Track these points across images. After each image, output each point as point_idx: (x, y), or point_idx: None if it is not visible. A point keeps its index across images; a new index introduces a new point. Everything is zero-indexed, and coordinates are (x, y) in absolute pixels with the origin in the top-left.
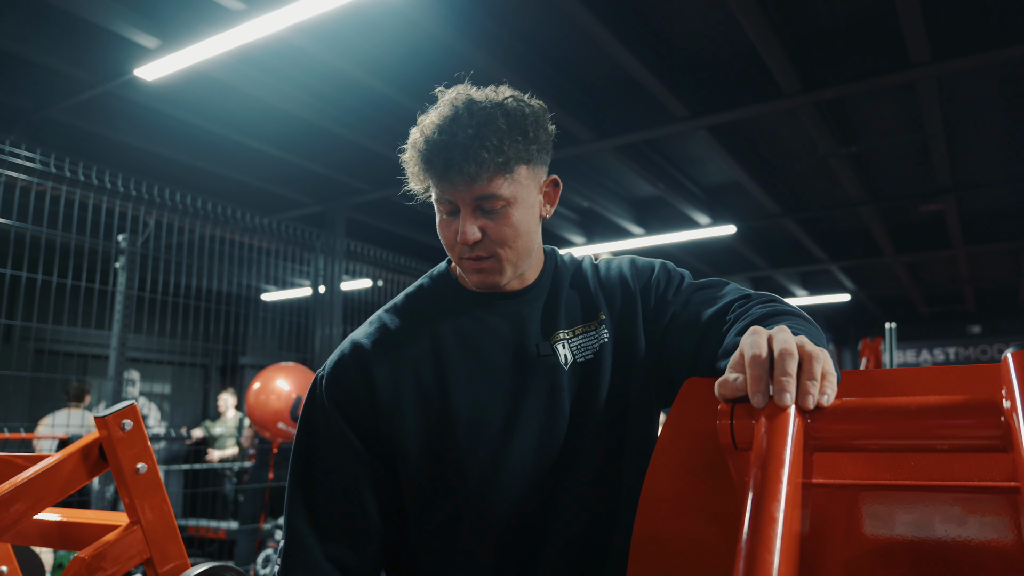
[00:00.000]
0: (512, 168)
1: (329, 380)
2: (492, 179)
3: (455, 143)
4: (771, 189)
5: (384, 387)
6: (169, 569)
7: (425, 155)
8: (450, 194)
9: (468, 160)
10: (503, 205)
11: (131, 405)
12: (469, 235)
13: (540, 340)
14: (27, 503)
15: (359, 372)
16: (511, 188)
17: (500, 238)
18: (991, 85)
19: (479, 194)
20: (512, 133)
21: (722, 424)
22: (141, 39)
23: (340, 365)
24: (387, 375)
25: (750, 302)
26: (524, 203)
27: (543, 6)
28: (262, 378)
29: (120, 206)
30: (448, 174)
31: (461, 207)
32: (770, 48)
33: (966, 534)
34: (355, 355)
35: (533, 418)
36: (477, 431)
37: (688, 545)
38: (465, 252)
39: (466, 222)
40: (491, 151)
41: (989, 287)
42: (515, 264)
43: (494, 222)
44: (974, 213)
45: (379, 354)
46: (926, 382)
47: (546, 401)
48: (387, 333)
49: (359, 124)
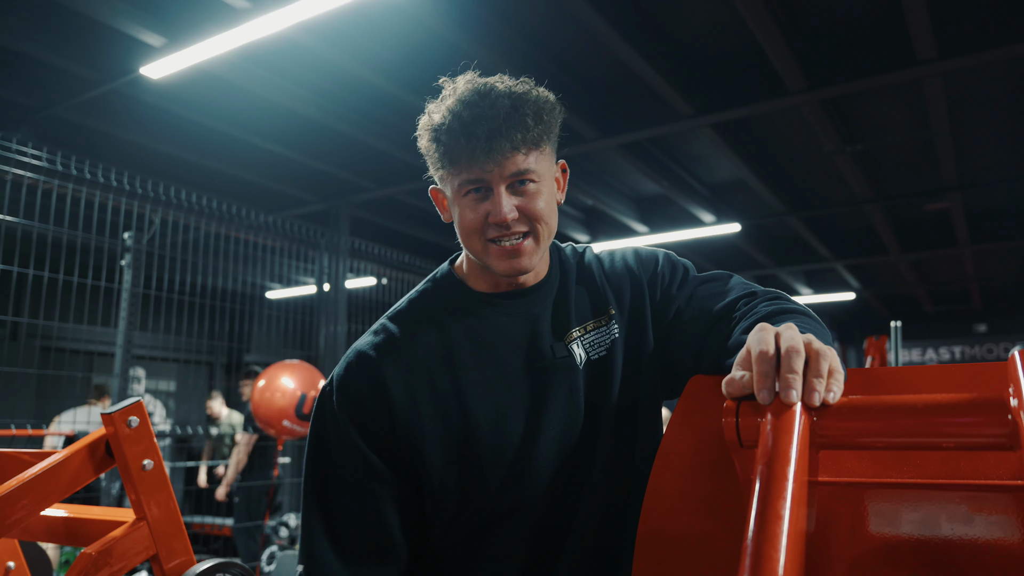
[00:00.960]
0: (542, 144)
1: (340, 394)
2: (529, 153)
3: (496, 113)
4: (776, 187)
5: (399, 397)
6: (175, 565)
7: (460, 130)
8: (487, 170)
9: (513, 127)
10: (535, 181)
11: (137, 402)
12: (508, 211)
13: (554, 341)
14: (34, 499)
15: (370, 383)
16: (540, 164)
17: (535, 214)
18: (997, 82)
19: (518, 168)
20: (541, 110)
21: (728, 421)
22: (147, 37)
23: (349, 377)
24: (400, 384)
25: (755, 299)
26: (549, 183)
27: (548, 4)
28: (267, 376)
29: (126, 204)
30: (492, 143)
31: (496, 185)
32: (775, 46)
33: (972, 533)
34: (364, 365)
35: (554, 422)
36: (500, 439)
37: (693, 542)
38: (496, 232)
39: (502, 198)
40: (532, 119)
41: (995, 285)
42: (544, 246)
43: (528, 199)
44: (980, 211)
45: (389, 363)
46: (932, 380)
47: (565, 403)
48: (394, 341)
49: (364, 122)
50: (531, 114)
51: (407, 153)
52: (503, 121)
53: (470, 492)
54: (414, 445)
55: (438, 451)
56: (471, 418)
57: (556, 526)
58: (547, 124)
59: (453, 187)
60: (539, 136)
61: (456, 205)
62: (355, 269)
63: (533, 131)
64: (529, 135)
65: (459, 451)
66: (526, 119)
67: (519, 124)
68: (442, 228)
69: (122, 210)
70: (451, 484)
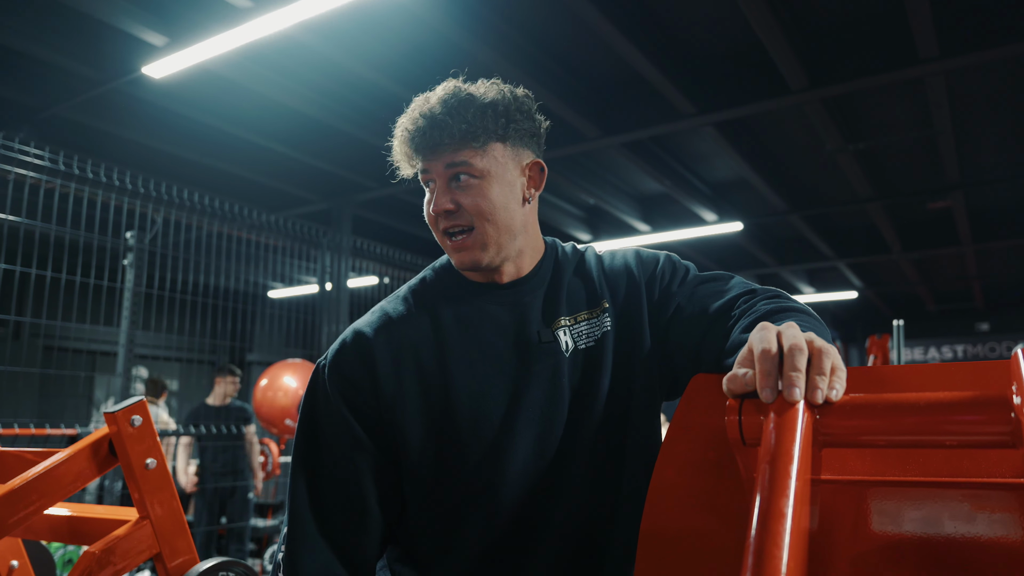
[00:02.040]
0: (483, 142)
1: (331, 367)
2: (460, 148)
3: (427, 115)
4: (778, 186)
5: (386, 373)
6: (178, 564)
7: (402, 129)
8: (425, 163)
9: (435, 127)
10: (476, 177)
11: (140, 401)
12: (440, 204)
13: (541, 327)
14: (37, 498)
15: (361, 358)
16: (484, 162)
17: (475, 210)
18: (1000, 81)
19: (449, 161)
20: (484, 109)
21: (730, 420)
22: (149, 37)
23: (342, 352)
24: (389, 361)
25: (755, 297)
26: (500, 180)
27: (550, 3)
28: (269, 375)
29: (128, 203)
30: (425, 139)
31: (436, 179)
32: (777, 44)
33: (975, 531)
34: (357, 342)
35: (534, 404)
36: (479, 418)
37: (696, 540)
38: (443, 224)
39: (439, 192)
40: (455, 119)
41: (997, 284)
42: (497, 242)
43: (468, 194)
44: (982, 210)
45: (381, 341)
46: (935, 378)
47: (547, 387)
48: (389, 321)
49: (366, 121)
50: (474, 111)
51: None
52: (449, 113)
53: (447, 467)
54: (396, 419)
55: (418, 425)
56: (452, 394)
57: (535, 513)
58: (500, 120)
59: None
60: (478, 132)
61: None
62: (357, 268)
63: (471, 124)
64: (458, 128)
65: (438, 426)
66: (456, 116)
67: (446, 119)
68: None
69: (124, 209)
70: (429, 458)
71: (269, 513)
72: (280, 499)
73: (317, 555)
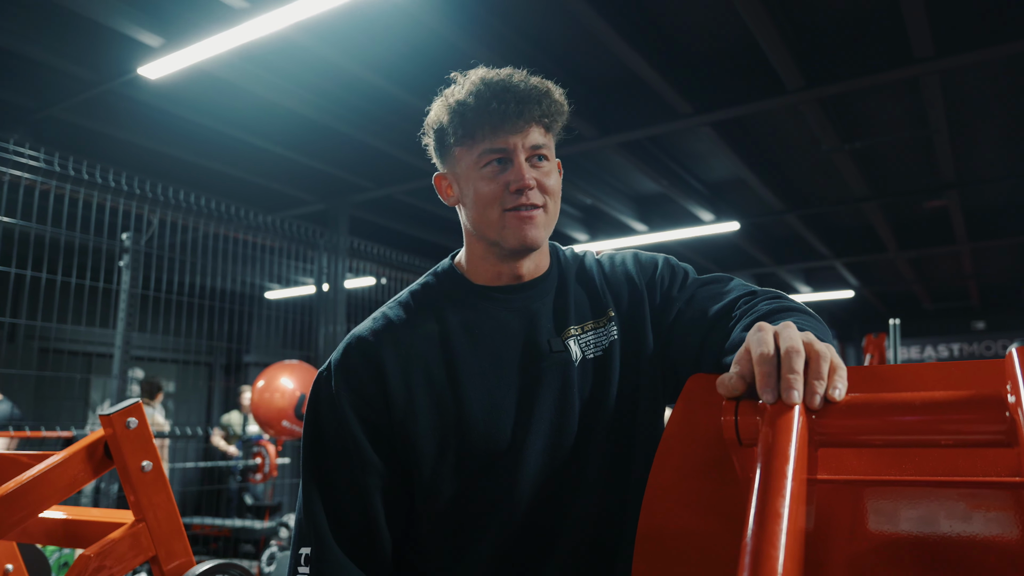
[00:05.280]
0: (553, 129)
1: (339, 378)
2: (547, 132)
3: (523, 87)
4: (774, 185)
5: (396, 385)
6: (174, 566)
7: (489, 97)
8: (510, 139)
9: (539, 100)
10: (549, 161)
11: (136, 403)
12: (529, 177)
13: (551, 336)
14: (32, 501)
15: (369, 368)
16: (550, 147)
17: (548, 190)
18: (995, 80)
19: (533, 143)
20: (556, 98)
21: (726, 420)
22: (144, 38)
23: (347, 361)
24: (398, 372)
25: (756, 298)
26: (555, 166)
27: (547, 3)
28: (266, 376)
29: (124, 205)
30: (521, 109)
31: (516, 155)
32: (773, 44)
33: (971, 530)
34: (363, 350)
35: (545, 416)
36: (492, 432)
37: (693, 540)
38: (515, 200)
39: (522, 167)
40: (555, 101)
41: (993, 283)
42: (551, 226)
43: (543, 174)
44: (978, 209)
45: (388, 349)
46: (930, 378)
47: (558, 397)
48: (393, 328)
49: (362, 122)
50: (553, 96)
51: (406, 153)
52: (531, 92)
53: (459, 481)
54: (408, 435)
55: (431, 441)
56: (465, 408)
57: (547, 524)
58: (563, 111)
59: (470, 160)
60: (557, 118)
61: (472, 180)
62: (354, 269)
63: (554, 109)
64: (553, 112)
65: (452, 441)
66: (551, 97)
67: (544, 98)
68: (441, 227)
69: (120, 211)
70: (443, 475)
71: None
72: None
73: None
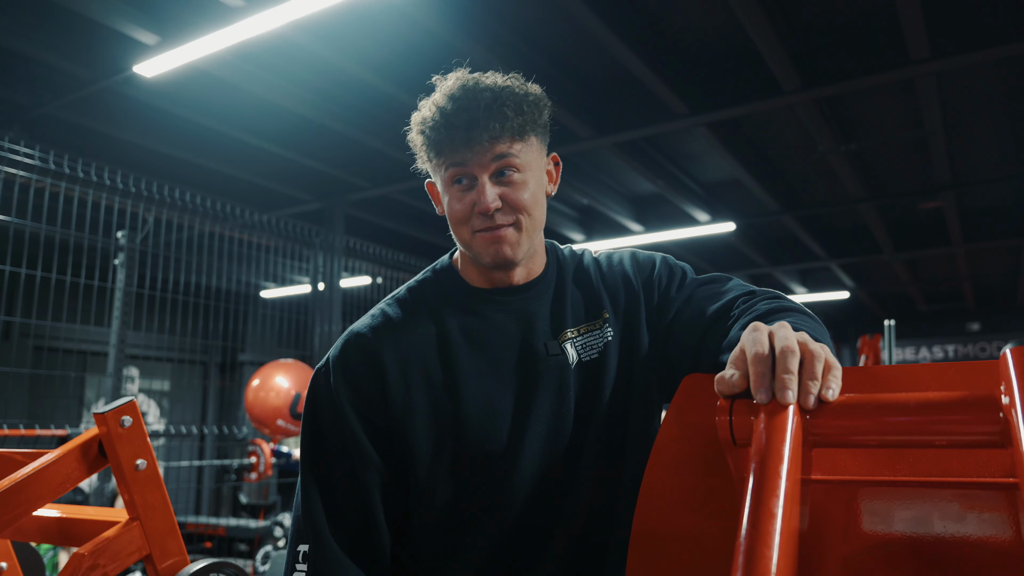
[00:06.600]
0: (526, 134)
1: (338, 374)
2: (512, 141)
3: (476, 105)
4: (770, 186)
5: (395, 384)
6: (168, 565)
7: (443, 121)
8: (468, 160)
9: (492, 117)
10: (519, 172)
11: (130, 401)
12: (490, 200)
13: (548, 339)
14: (26, 499)
15: (368, 366)
16: (526, 155)
17: (519, 204)
18: (991, 82)
19: (499, 153)
20: (522, 101)
21: (721, 420)
22: (140, 35)
23: (347, 357)
24: (397, 371)
25: (754, 298)
26: (536, 173)
27: (543, 3)
28: (261, 375)
29: (119, 203)
30: (471, 133)
31: (479, 175)
32: (769, 45)
33: (964, 530)
34: (362, 347)
35: (542, 419)
36: (488, 435)
37: (687, 540)
38: (483, 223)
39: (486, 188)
40: (512, 110)
41: (988, 284)
42: (530, 237)
43: (512, 189)
44: (973, 210)
45: (387, 348)
46: (925, 378)
47: (554, 400)
48: (392, 326)
49: (358, 121)
50: (511, 105)
51: (402, 152)
52: (482, 112)
53: (457, 485)
54: (405, 434)
55: (427, 442)
56: (462, 411)
57: (539, 525)
58: (528, 115)
59: (442, 178)
60: (520, 127)
61: (446, 195)
62: (350, 268)
63: (512, 121)
64: (508, 124)
65: (448, 443)
66: (505, 110)
67: (498, 114)
68: (437, 227)
69: (115, 209)
70: (438, 476)
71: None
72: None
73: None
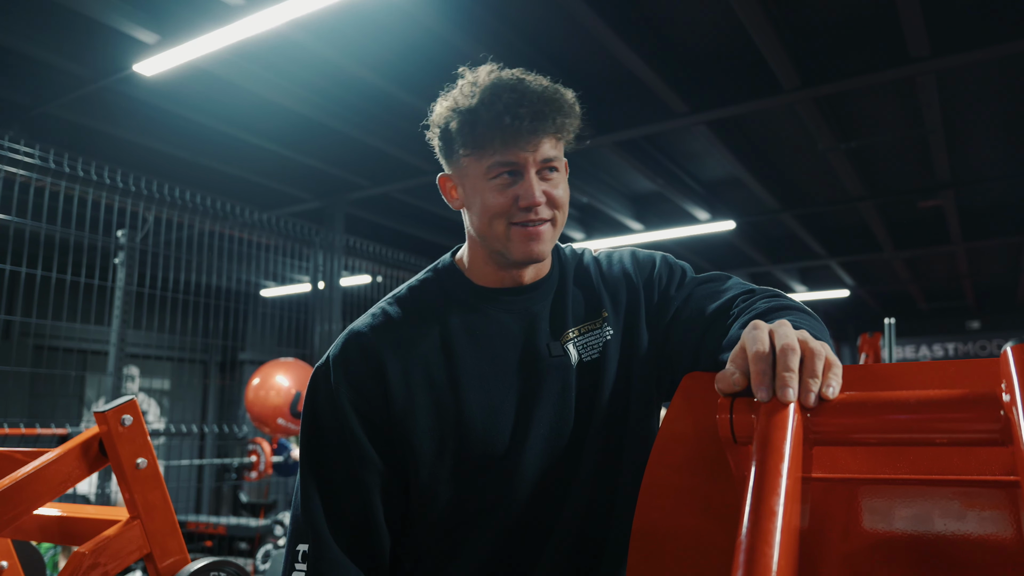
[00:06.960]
0: (564, 136)
1: (338, 373)
2: (556, 140)
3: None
4: (770, 185)
5: (396, 384)
6: (169, 564)
7: (491, 115)
8: (518, 155)
9: (554, 113)
10: (559, 171)
11: (131, 400)
12: (539, 195)
13: (550, 340)
14: (27, 498)
15: (369, 365)
16: (561, 157)
17: (559, 202)
18: (991, 80)
19: (546, 151)
20: (572, 104)
21: (722, 418)
22: (140, 34)
23: (347, 356)
24: (399, 371)
25: (754, 296)
26: (565, 175)
27: (542, 2)
28: (261, 374)
29: (119, 202)
30: (535, 125)
31: (528, 168)
32: (769, 43)
33: (965, 528)
34: (363, 347)
35: (544, 420)
36: (491, 433)
37: (688, 538)
38: (523, 216)
39: (532, 183)
40: (561, 112)
41: (988, 282)
42: (557, 237)
43: (552, 186)
44: (973, 208)
45: (388, 347)
46: (925, 376)
47: (557, 401)
48: (393, 326)
49: (358, 120)
50: (566, 104)
51: (403, 151)
52: (546, 105)
53: (458, 485)
54: (406, 433)
55: (429, 442)
56: (464, 412)
57: (539, 524)
58: (576, 121)
59: (479, 170)
60: (562, 127)
61: (479, 190)
62: (350, 267)
63: (568, 120)
64: (566, 123)
65: (450, 443)
66: (564, 107)
67: (559, 110)
68: (438, 226)
69: (115, 208)
70: (440, 476)
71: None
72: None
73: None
